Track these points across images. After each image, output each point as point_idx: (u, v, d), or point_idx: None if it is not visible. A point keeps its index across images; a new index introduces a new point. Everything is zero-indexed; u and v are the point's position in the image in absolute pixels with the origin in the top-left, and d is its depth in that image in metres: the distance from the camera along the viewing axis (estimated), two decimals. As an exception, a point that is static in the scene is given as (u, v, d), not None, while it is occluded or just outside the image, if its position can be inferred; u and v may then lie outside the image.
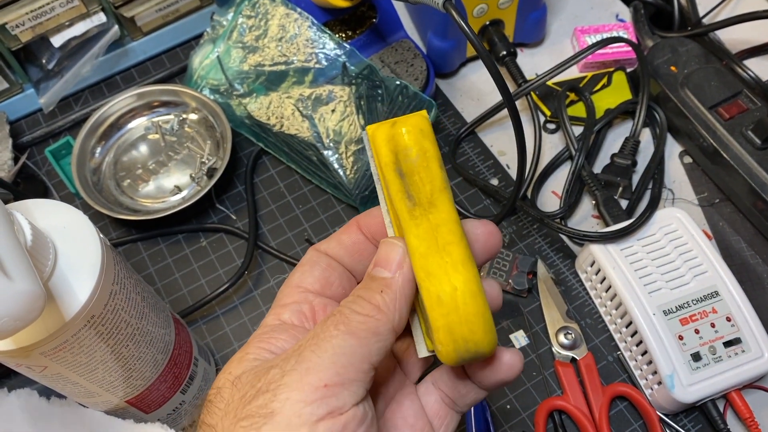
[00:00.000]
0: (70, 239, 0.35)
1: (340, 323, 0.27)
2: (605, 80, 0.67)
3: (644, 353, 0.51)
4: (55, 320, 0.33)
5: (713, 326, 0.51)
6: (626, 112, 0.65)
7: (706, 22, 0.70)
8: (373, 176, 0.32)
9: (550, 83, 0.67)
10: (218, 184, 0.61)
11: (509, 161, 0.65)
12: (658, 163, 0.61)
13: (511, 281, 0.57)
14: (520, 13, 0.66)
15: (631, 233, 0.54)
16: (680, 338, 0.50)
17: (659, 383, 0.50)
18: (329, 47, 0.61)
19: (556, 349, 0.54)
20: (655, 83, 0.64)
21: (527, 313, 0.57)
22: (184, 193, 0.62)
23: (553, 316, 0.55)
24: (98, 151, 0.64)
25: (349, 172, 0.58)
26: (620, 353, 0.54)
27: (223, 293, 0.56)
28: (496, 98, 0.67)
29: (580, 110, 0.65)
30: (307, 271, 0.32)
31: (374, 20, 0.66)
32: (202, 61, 0.65)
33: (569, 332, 0.54)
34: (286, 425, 0.25)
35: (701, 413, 0.52)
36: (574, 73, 0.69)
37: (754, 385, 0.52)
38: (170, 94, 0.65)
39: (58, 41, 0.64)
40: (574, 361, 0.54)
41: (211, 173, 0.61)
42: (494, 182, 0.63)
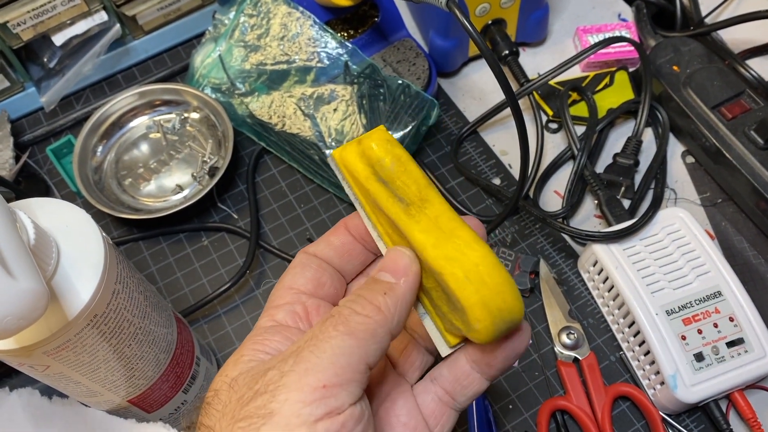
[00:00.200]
0: (72, 238, 0.35)
1: (339, 324, 0.27)
2: (607, 80, 0.67)
3: (647, 353, 0.51)
4: (57, 319, 0.33)
5: (716, 326, 0.51)
6: (628, 111, 0.65)
7: (708, 21, 0.70)
8: (349, 196, 0.33)
9: (552, 83, 0.67)
10: (220, 183, 0.61)
11: (511, 161, 0.65)
12: (660, 162, 0.61)
13: (513, 281, 0.57)
14: (522, 12, 0.66)
15: (633, 233, 0.54)
16: (683, 338, 0.50)
17: (662, 383, 0.50)
18: (331, 46, 0.61)
19: (558, 348, 0.54)
20: (657, 83, 0.64)
21: (529, 312, 0.56)
22: (185, 192, 0.62)
23: (555, 315, 0.55)
24: (99, 149, 0.64)
25: (351, 171, 0.58)
26: (623, 353, 0.54)
27: (224, 292, 0.56)
28: (498, 97, 0.67)
29: (582, 110, 0.65)
30: (298, 272, 0.33)
31: (376, 19, 0.66)
32: (203, 59, 0.64)
33: (572, 332, 0.54)
34: (285, 425, 0.25)
35: (704, 413, 0.52)
36: (576, 72, 0.69)
37: (756, 385, 0.52)
38: (172, 93, 0.65)
39: (59, 40, 0.64)
40: (576, 361, 0.54)
41: (212, 172, 0.61)
42: (496, 182, 0.63)
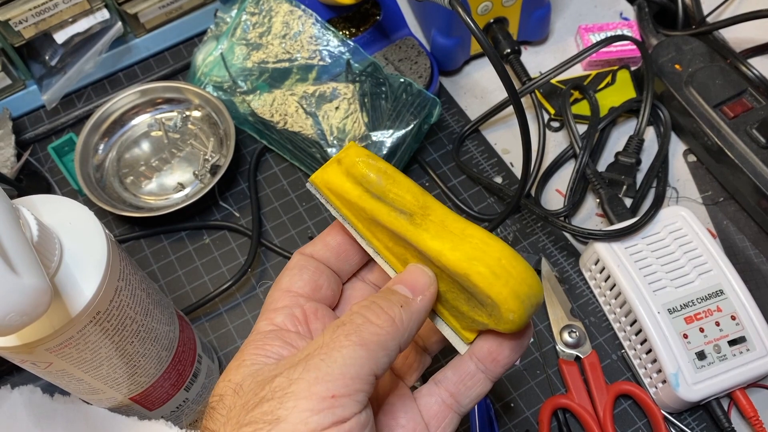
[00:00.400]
0: (75, 235, 0.35)
1: (351, 333, 0.27)
2: (609, 78, 0.67)
3: (649, 351, 0.51)
4: (60, 316, 0.33)
5: (718, 325, 0.51)
6: (630, 110, 0.65)
7: (710, 20, 0.70)
8: (337, 218, 0.33)
9: (554, 81, 0.67)
10: (221, 181, 0.61)
11: (513, 159, 0.65)
12: (662, 161, 0.61)
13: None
14: (524, 10, 0.66)
15: (635, 231, 0.54)
16: (685, 337, 0.50)
17: (664, 382, 0.50)
18: (333, 44, 0.61)
19: (560, 347, 0.54)
20: (659, 81, 0.64)
21: (531, 311, 0.56)
22: (187, 190, 0.62)
23: (557, 314, 0.55)
24: (101, 147, 0.64)
25: (352, 169, 0.58)
26: (624, 351, 0.54)
27: (226, 290, 0.56)
28: (499, 96, 0.67)
29: (584, 108, 0.65)
30: (296, 275, 0.33)
31: (378, 17, 0.66)
32: (205, 58, 0.64)
33: (573, 330, 0.54)
34: None
35: (706, 412, 0.52)
36: (578, 71, 0.69)
37: (758, 383, 0.52)
38: (173, 91, 0.65)
39: (61, 38, 0.64)
40: (578, 359, 0.53)
41: (214, 170, 0.61)
42: (498, 180, 0.63)
